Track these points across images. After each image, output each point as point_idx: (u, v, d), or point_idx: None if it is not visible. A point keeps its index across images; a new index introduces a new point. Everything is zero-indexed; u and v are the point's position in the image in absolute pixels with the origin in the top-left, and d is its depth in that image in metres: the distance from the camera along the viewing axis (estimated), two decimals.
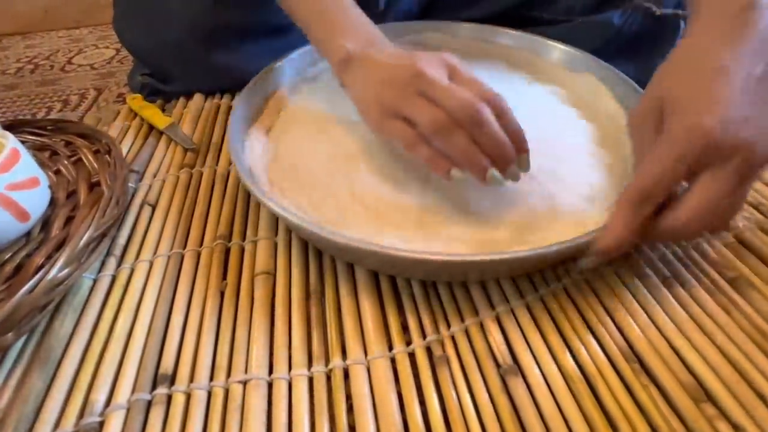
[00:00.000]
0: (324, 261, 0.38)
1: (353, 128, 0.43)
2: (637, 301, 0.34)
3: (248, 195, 0.44)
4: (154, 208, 0.44)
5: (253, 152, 0.43)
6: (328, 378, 0.31)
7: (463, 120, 0.33)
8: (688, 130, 0.29)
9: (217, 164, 0.48)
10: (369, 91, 0.38)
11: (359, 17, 0.43)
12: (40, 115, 0.69)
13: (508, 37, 0.56)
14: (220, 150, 0.50)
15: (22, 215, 0.37)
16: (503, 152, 0.34)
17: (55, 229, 0.38)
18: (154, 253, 0.39)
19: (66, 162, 0.45)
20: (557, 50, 0.53)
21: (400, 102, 0.35)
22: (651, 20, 0.54)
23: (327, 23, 0.42)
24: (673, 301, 0.34)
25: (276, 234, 0.40)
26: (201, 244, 0.40)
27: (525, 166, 0.36)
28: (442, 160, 0.35)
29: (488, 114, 0.33)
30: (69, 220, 0.39)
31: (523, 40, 0.55)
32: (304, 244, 0.39)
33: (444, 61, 0.36)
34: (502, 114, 0.34)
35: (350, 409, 0.29)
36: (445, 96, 0.34)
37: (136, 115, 0.57)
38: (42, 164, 0.42)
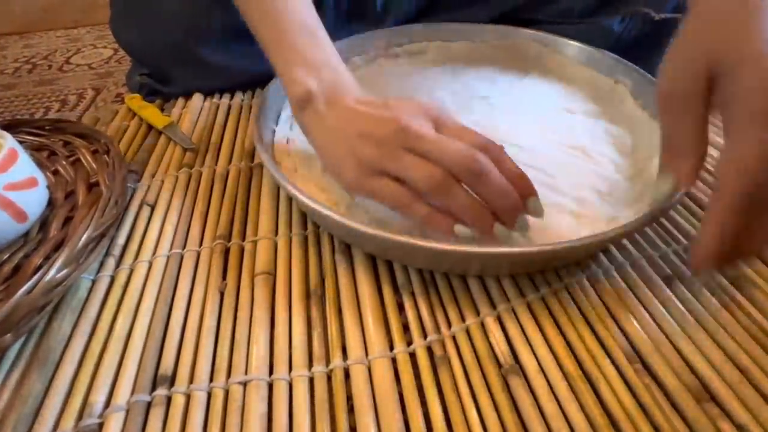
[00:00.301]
0: (324, 261, 0.38)
1: None
2: (639, 301, 0.34)
3: (248, 194, 0.44)
4: (153, 208, 0.43)
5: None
6: (329, 378, 0.31)
7: (461, 173, 0.30)
8: None
9: (216, 164, 0.48)
10: (341, 144, 0.34)
11: (325, 45, 0.38)
12: (38, 115, 0.69)
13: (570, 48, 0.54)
14: (219, 150, 0.50)
15: (20, 216, 0.37)
16: (509, 201, 0.31)
17: (54, 230, 0.38)
18: (154, 253, 0.39)
19: (64, 162, 0.45)
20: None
21: (385, 160, 0.32)
22: (650, 25, 0.54)
23: (286, 47, 0.37)
24: (675, 300, 0.34)
25: (276, 234, 0.40)
26: (200, 245, 0.40)
27: (537, 211, 0.32)
28: (443, 217, 0.32)
29: (487, 163, 0.30)
30: (67, 220, 0.39)
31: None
32: (305, 244, 0.39)
33: (426, 111, 0.33)
34: (500, 160, 0.32)
35: (351, 409, 0.29)
36: (437, 150, 0.31)
37: (134, 114, 0.56)
38: (40, 164, 0.42)
